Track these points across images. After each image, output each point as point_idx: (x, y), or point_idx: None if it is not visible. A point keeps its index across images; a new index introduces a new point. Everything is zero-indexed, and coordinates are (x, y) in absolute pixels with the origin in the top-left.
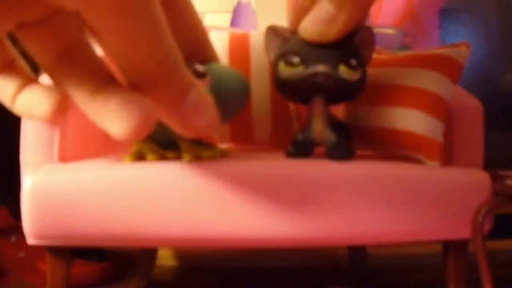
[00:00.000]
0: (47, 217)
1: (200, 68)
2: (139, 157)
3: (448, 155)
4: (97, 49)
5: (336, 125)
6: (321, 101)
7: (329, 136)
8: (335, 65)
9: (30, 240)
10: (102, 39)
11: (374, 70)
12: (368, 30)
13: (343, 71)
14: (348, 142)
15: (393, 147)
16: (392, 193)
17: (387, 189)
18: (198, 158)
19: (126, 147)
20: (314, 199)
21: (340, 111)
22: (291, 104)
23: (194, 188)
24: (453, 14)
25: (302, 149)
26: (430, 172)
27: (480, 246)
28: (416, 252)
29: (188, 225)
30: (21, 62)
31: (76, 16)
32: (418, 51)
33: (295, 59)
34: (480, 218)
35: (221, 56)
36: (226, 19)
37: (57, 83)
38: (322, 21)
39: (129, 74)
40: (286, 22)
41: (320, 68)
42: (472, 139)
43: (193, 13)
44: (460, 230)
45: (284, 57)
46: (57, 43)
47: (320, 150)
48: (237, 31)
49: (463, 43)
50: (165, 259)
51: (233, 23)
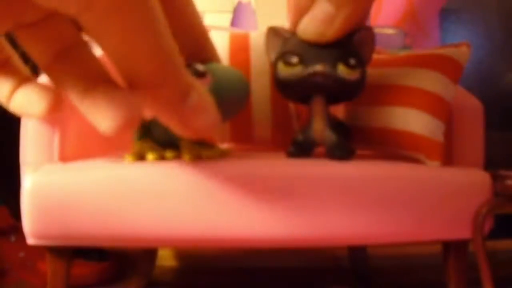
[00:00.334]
0: (47, 217)
1: (200, 68)
2: (140, 157)
3: (449, 155)
4: (95, 49)
5: (336, 125)
6: (321, 101)
7: (329, 136)
8: (334, 65)
9: (30, 240)
10: (101, 42)
11: (375, 70)
12: (368, 30)
13: (342, 71)
14: (348, 142)
15: (394, 147)
16: (392, 193)
17: (387, 189)
18: (198, 158)
19: (127, 147)
20: (314, 199)
21: (340, 111)
22: (291, 104)
23: (194, 188)
24: (454, 14)
25: (303, 149)
26: (431, 172)
27: (480, 246)
28: (416, 252)
29: (188, 225)
30: (17, 61)
31: (74, 20)
32: (419, 51)
33: (294, 59)
34: (480, 218)
35: (221, 56)
36: (226, 19)
37: (54, 82)
38: (321, 21)
39: (129, 76)
40: (286, 22)
41: (319, 68)
42: (473, 139)
43: (194, 12)
44: (460, 230)
45: (283, 57)
46: (53, 44)
47: (320, 150)
48: (237, 31)
49: (464, 43)
50: (165, 259)
51: (233, 23)
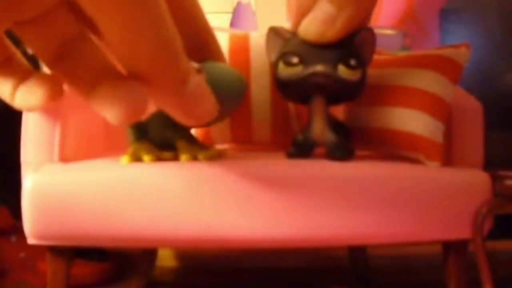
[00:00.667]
0: (48, 217)
1: (195, 65)
2: (136, 158)
3: (448, 156)
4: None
5: (336, 126)
6: (321, 101)
7: (329, 136)
8: (334, 65)
9: (31, 240)
10: (103, 27)
11: (374, 71)
12: (369, 31)
13: (342, 71)
14: (348, 143)
15: (393, 148)
16: (392, 194)
17: (387, 190)
18: (195, 159)
19: (127, 147)
20: (314, 199)
21: (340, 112)
22: (291, 105)
23: (194, 189)
24: (453, 15)
25: (302, 150)
26: (430, 173)
27: (480, 246)
28: (416, 252)
29: (188, 226)
30: (20, 58)
31: (73, 9)
32: (418, 52)
33: (295, 59)
34: (480, 219)
35: None
36: (226, 20)
37: (60, 77)
38: (321, 21)
39: (130, 64)
40: (286, 23)
41: (319, 68)
42: (472, 140)
43: (196, 7)
44: (460, 231)
45: (284, 57)
46: (55, 39)
47: (320, 151)
48: (237, 32)
49: (463, 44)
50: (165, 259)
51: (233, 24)
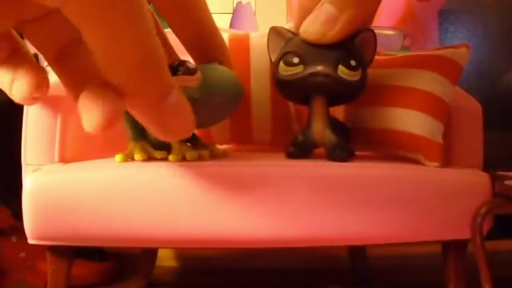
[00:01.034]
0: (48, 217)
1: (191, 66)
2: (129, 157)
3: (448, 156)
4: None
5: (336, 126)
6: (321, 102)
7: (329, 137)
8: (335, 66)
9: (31, 240)
10: (86, 35)
11: (374, 71)
12: (370, 32)
13: (342, 72)
14: (348, 143)
15: (393, 148)
16: (392, 194)
17: (387, 190)
18: (184, 159)
19: (126, 147)
20: (314, 199)
21: (340, 112)
22: (292, 106)
23: (195, 189)
24: (453, 15)
25: (302, 150)
26: (430, 173)
27: (480, 247)
28: (416, 253)
29: (188, 226)
30: (27, 51)
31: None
32: (418, 52)
33: (295, 59)
34: (479, 219)
35: None
36: (226, 20)
37: (58, 77)
38: (323, 22)
39: (111, 74)
40: (286, 23)
41: (319, 68)
42: (472, 140)
43: (202, 9)
44: (460, 231)
45: (284, 57)
46: (56, 39)
47: (320, 151)
48: (237, 32)
49: (463, 45)
50: (165, 260)
51: (233, 24)
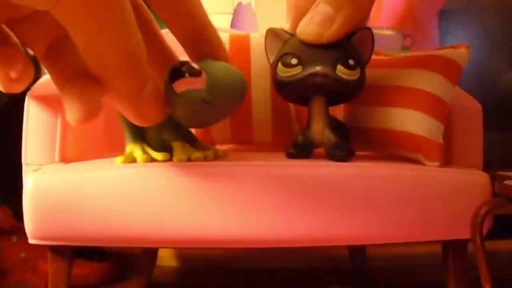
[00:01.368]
0: (49, 217)
1: (196, 66)
2: (130, 159)
3: (448, 156)
4: None
5: (336, 126)
6: (320, 102)
7: (329, 137)
8: (333, 66)
9: (32, 240)
10: (72, 33)
11: (374, 71)
12: (367, 30)
13: (341, 71)
14: (348, 143)
15: (393, 148)
16: (392, 194)
17: (387, 190)
18: (189, 160)
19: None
20: (314, 199)
21: (340, 112)
22: (292, 106)
23: (195, 189)
24: (453, 15)
25: (303, 150)
26: (430, 173)
27: (479, 247)
28: (416, 253)
29: (189, 226)
30: (20, 49)
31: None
32: (418, 52)
33: (293, 61)
34: (479, 219)
35: None
36: (227, 21)
37: (48, 71)
38: (319, 22)
39: (94, 67)
40: (286, 24)
41: (318, 69)
42: (472, 140)
43: (195, 6)
44: (460, 231)
45: (283, 59)
46: (43, 36)
47: (321, 151)
48: (238, 33)
49: (463, 45)
50: (165, 260)
51: (234, 25)
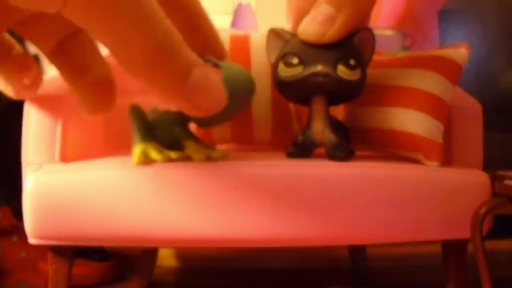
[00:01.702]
0: (49, 217)
1: (213, 60)
2: (146, 158)
3: (448, 156)
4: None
5: (336, 126)
6: (321, 101)
7: (329, 137)
8: (334, 65)
9: (32, 240)
10: (92, 33)
11: (374, 71)
12: (368, 30)
13: (342, 71)
14: (348, 143)
15: (393, 148)
16: (392, 193)
17: (387, 189)
18: (208, 159)
19: (128, 147)
20: (314, 199)
21: (340, 112)
22: (292, 106)
23: (195, 189)
24: (453, 15)
25: (303, 150)
26: (430, 173)
27: (479, 247)
28: (416, 253)
29: (189, 226)
30: (20, 52)
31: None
32: (418, 52)
33: (294, 60)
34: (479, 219)
35: None
36: (227, 21)
37: (57, 69)
38: (321, 22)
39: (126, 65)
40: (286, 24)
41: (319, 68)
42: (472, 140)
43: (194, 5)
44: (460, 230)
45: (284, 58)
46: (54, 35)
47: (321, 151)
48: (238, 33)
49: (463, 45)
50: (165, 259)
51: (234, 25)
